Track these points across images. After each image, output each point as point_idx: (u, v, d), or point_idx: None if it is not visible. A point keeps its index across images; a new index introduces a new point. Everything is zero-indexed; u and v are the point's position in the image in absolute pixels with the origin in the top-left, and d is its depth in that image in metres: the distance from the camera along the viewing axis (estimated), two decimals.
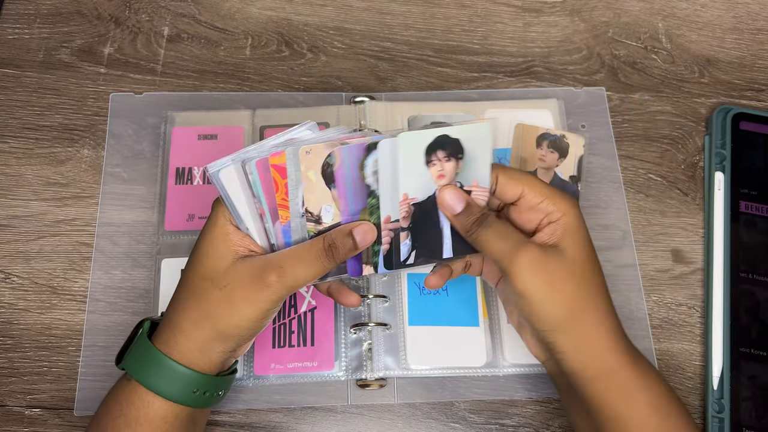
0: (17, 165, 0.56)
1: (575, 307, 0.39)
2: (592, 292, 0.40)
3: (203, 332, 0.39)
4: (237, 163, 0.38)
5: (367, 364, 0.50)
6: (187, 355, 0.39)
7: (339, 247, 0.39)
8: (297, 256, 0.39)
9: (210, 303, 0.39)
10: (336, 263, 0.39)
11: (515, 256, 0.38)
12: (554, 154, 0.56)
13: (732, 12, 0.66)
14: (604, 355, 0.39)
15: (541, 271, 0.38)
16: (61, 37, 0.61)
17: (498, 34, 0.64)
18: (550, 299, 0.39)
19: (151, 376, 0.39)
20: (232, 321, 0.38)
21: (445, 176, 0.40)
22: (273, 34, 0.63)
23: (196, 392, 0.39)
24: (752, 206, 0.56)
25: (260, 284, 0.38)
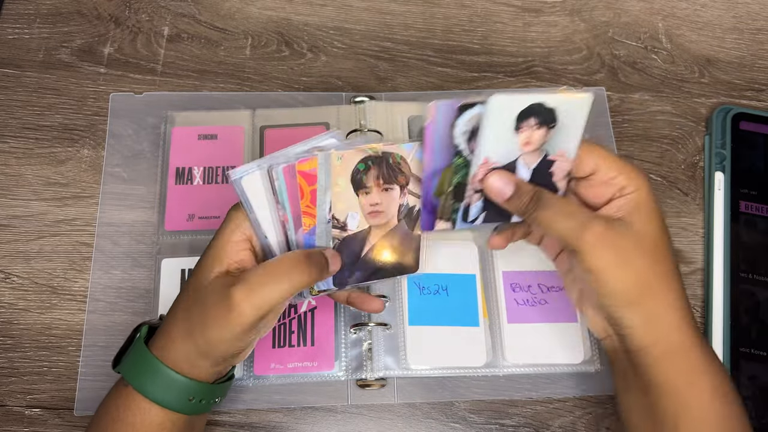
0: (17, 165, 0.56)
1: (647, 282, 0.38)
2: (664, 268, 0.38)
3: (188, 346, 0.38)
4: (263, 169, 0.38)
5: (367, 364, 0.50)
6: (179, 365, 0.38)
7: (315, 264, 0.37)
8: (268, 270, 0.36)
9: (191, 318, 0.38)
10: (309, 282, 0.37)
11: (582, 234, 0.37)
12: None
13: (732, 12, 0.66)
14: (673, 333, 0.38)
15: (610, 247, 0.37)
16: (61, 37, 0.61)
17: (498, 34, 0.64)
18: (621, 275, 0.37)
19: (147, 383, 0.38)
20: (210, 339, 0.37)
21: (532, 144, 0.39)
22: (273, 34, 0.63)
23: (192, 400, 0.39)
24: (752, 206, 0.56)
25: (227, 304, 0.36)
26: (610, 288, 0.38)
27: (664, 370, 0.38)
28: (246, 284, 0.36)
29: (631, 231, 0.38)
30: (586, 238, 0.37)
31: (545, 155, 0.40)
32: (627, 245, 0.38)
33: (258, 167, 0.38)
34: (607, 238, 0.37)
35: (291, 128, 0.57)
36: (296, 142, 0.57)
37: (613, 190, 0.39)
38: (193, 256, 0.52)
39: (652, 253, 0.38)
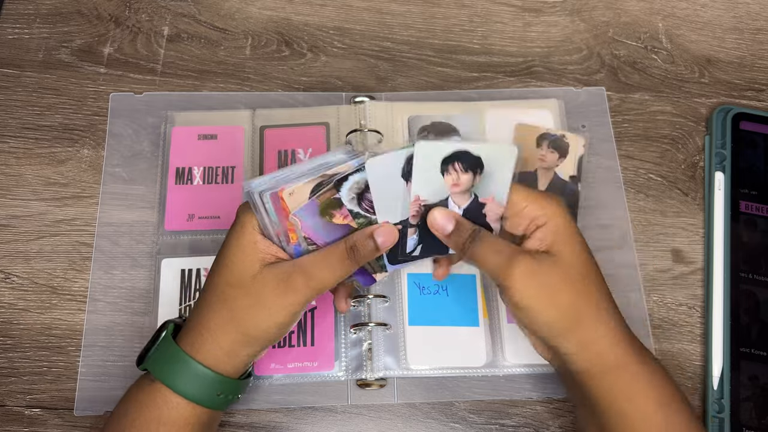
0: (17, 165, 0.56)
1: (575, 312, 0.39)
2: (591, 295, 0.39)
3: (231, 336, 0.39)
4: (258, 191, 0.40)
5: (367, 364, 0.50)
6: (212, 358, 0.39)
7: (360, 249, 0.40)
8: (322, 260, 0.40)
9: (239, 308, 0.39)
10: (358, 264, 0.40)
11: (509, 270, 0.38)
12: (554, 154, 0.56)
13: (732, 12, 0.66)
14: (607, 353, 0.39)
15: (535, 282, 0.38)
16: (61, 37, 0.61)
17: (498, 34, 0.64)
18: (548, 309, 0.38)
19: (177, 378, 0.39)
20: (260, 325, 0.39)
21: (460, 186, 0.41)
22: (273, 34, 0.63)
23: (220, 395, 0.40)
24: (752, 206, 0.56)
25: (288, 289, 0.39)
26: (540, 321, 0.39)
27: (604, 389, 0.39)
28: (304, 271, 0.39)
29: (555, 263, 0.39)
30: (513, 273, 0.38)
31: (475, 198, 0.41)
32: (551, 278, 0.38)
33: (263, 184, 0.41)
34: (532, 273, 0.38)
35: (291, 128, 0.57)
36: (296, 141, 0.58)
37: (527, 221, 0.40)
38: (194, 256, 0.52)
39: (578, 283, 0.39)
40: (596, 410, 0.40)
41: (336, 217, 0.41)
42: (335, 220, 0.41)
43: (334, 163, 0.41)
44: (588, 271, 0.40)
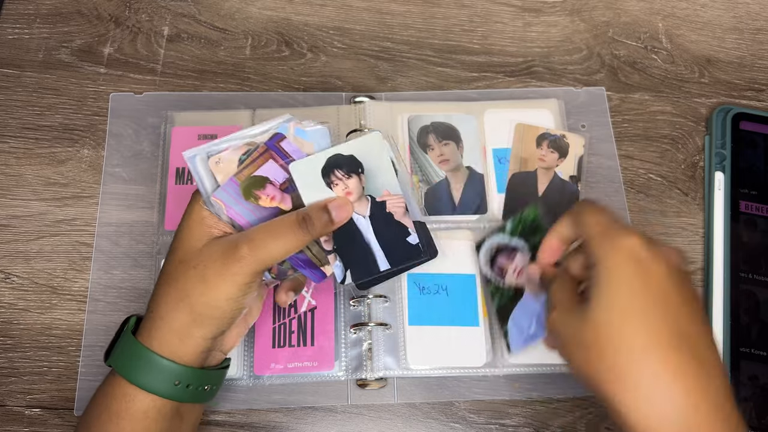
0: (17, 165, 0.56)
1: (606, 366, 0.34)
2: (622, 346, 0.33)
3: (181, 315, 0.38)
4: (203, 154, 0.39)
5: (367, 364, 0.50)
6: (167, 345, 0.38)
7: (314, 220, 0.38)
8: (269, 228, 0.38)
9: (186, 283, 0.38)
10: (311, 237, 0.39)
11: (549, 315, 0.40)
12: (554, 154, 0.56)
13: (732, 12, 0.66)
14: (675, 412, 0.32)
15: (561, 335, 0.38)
16: (61, 37, 0.61)
17: (498, 34, 0.64)
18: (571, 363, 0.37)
19: (131, 369, 0.38)
20: (207, 300, 0.38)
21: (353, 192, 0.40)
22: (273, 34, 0.63)
23: (177, 384, 0.38)
24: (752, 206, 0.56)
25: (231, 258, 0.37)
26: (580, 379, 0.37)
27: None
28: (251, 241, 0.38)
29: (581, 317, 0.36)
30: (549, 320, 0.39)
31: (372, 199, 0.40)
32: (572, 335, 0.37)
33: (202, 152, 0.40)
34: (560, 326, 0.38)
35: None
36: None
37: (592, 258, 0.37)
38: None
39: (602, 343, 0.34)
40: None
41: (262, 199, 0.39)
42: (261, 202, 0.39)
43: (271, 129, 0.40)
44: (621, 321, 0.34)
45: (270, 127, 0.40)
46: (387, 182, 0.40)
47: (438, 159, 0.56)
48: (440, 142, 0.56)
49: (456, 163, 0.56)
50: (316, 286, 0.51)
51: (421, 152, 0.56)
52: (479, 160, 0.56)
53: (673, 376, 0.32)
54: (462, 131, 0.57)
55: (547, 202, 0.55)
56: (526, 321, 0.49)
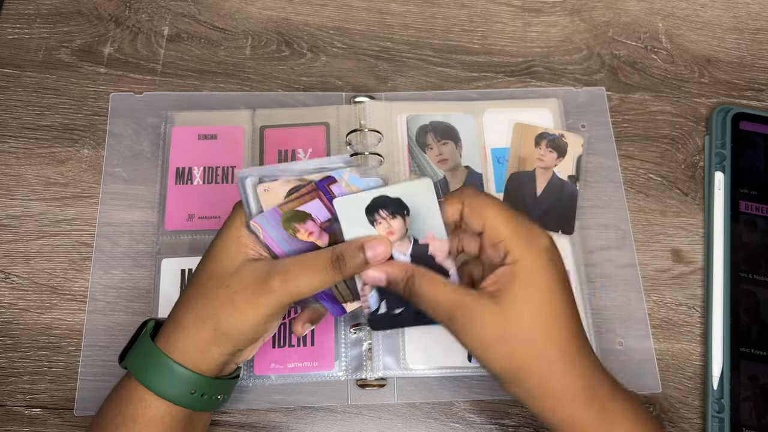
0: (17, 165, 0.56)
1: (516, 365, 0.37)
2: (536, 346, 0.37)
3: (204, 332, 0.39)
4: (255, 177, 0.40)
5: (367, 364, 0.50)
6: (186, 355, 0.39)
7: (347, 260, 0.38)
8: (303, 263, 0.38)
9: (214, 301, 0.39)
10: (343, 276, 0.38)
11: (450, 324, 0.37)
12: (553, 153, 0.56)
13: (732, 12, 0.66)
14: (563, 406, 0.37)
15: (473, 334, 0.37)
16: (61, 37, 0.61)
17: (498, 34, 0.64)
18: (488, 358, 0.37)
19: (149, 375, 0.38)
20: (232, 321, 0.38)
21: (395, 233, 0.39)
22: (273, 34, 0.63)
23: (193, 393, 0.39)
24: (752, 206, 0.56)
25: (263, 287, 0.38)
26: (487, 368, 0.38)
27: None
28: (283, 272, 0.38)
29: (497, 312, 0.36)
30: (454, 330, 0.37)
31: (415, 241, 0.40)
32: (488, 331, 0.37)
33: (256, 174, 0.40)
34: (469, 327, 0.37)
35: (291, 128, 0.57)
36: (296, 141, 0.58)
37: (500, 255, 0.38)
38: (194, 256, 0.52)
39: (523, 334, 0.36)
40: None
41: (300, 233, 0.39)
42: (299, 235, 0.39)
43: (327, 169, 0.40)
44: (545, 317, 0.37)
45: (327, 165, 0.40)
46: (432, 226, 0.40)
47: (437, 158, 0.56)
48: (439, 141, 0.56)
49: (455, 162, 0.56)
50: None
51: (419, 152, 0.56)
52: (478, 159, 0.56)
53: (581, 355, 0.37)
54: (461, 131, 0.57)
55: (545, 201, 0.55)
56: None
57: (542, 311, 0.37)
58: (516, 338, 0.36)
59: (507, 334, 0.36)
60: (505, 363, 0.37)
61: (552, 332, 0.37)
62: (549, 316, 0.37)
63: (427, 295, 0.38)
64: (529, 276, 0.37)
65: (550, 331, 0.37)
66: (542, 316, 0.37)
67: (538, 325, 0.37)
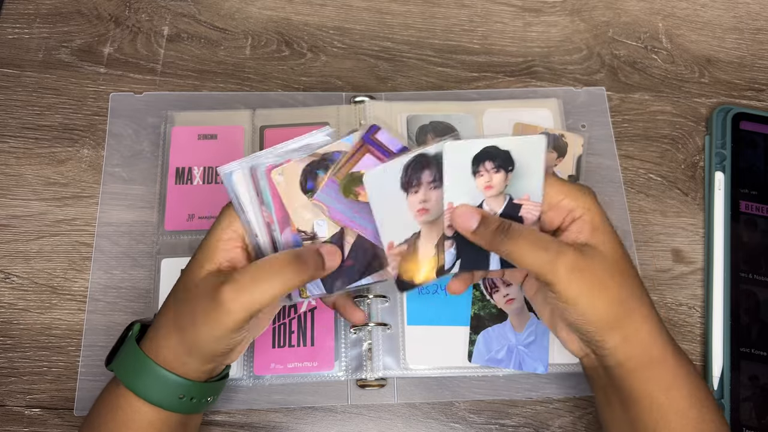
0: (17, 165, 0.56)
1: (622, 305, 0.38)
2: (633, 286, 0.39)
3: (175, 343, 0.38)
4: (246, 167, 0.38)
5: (367, 364, 0.50)
6: (170, 362, 0.38)
7: (308, 264, 0.37)
8: (258, 270, 0.36)
9: (181, 314, 0.38)
10: (302, 281, 0.37)
11: (554, 266, 0.36)
12: (553, 153, 0.56)
13: (732, 12, 0.66)
14: (649, 346, 0.38)
15: (584, 277, 0.37)
16: (61, 37, 0.61)
17: (498, 34, 0.64)
18: (597, 303, 0.37)
19: (137, 381, 0.38)
20: (195, 337, 0.37)
21: (493, 187, 0.38)
22: (273, 33, 0.63)
23: (182, 398, 0.38)
24: (752, 206, 0.56)
25: (215, 301, 0.36)
26: (588, 317, 0.38)
27: (643, 383, 0.38)
28: (235, 283, 0.36)
29: (599, 255, 0.38)
30: (559, 270, 0.36)
31: (510, 199, 0.39)
32: (598, 271, 0.37)
33: (243, 165, 0.38)
34: (580, 269, 0.37)
35: (291, 128, 0.57)
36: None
37: (563, 214, 0.39)
38: None
39: (621, 274, 0.38)
40: (630, 404, 0.39)
41: (362, 195, 0.38)
42: (362, 198, 0.38)
43: (318, 145, 0.39)
44: (627, 264, 0.39)
45: (311, 141, 0.39)
46: (531, 187, 0.39)
47: None
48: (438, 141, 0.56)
49: None
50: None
51: None
52: None
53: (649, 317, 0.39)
54: (461, 131, 0.57)
55: None
56: (497, 345, 0.50)
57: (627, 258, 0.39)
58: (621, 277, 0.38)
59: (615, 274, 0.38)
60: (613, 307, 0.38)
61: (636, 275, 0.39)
62: (631, 263, 0.39)
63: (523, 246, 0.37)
64: (604, 224, 0.39)
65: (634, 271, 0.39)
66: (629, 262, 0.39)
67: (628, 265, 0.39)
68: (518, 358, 0.49)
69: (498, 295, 0.51)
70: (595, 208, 0.39)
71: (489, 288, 0.51)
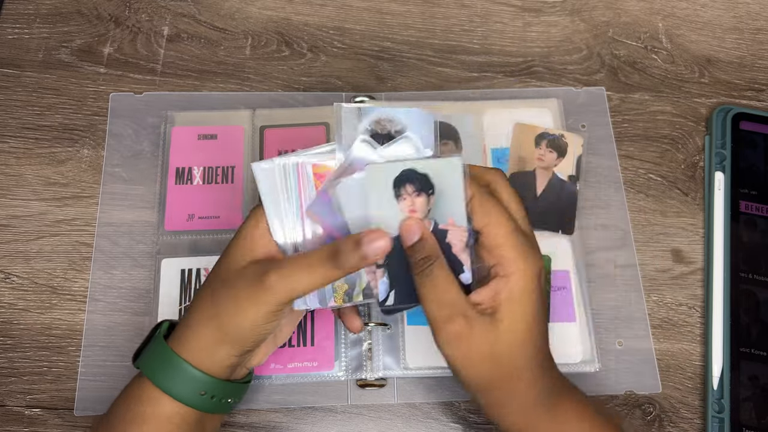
0: (17, 165, 0.56)
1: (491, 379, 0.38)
2: (515, 364, 0.38)
3: (209, 331, 0.39)
4: (278, 164, 0.38)
5: (367, 364, 0.50)
6: (195, 355, 0.39)
7: (344, 255, 0.37)
8: (301, 260, 0.38)
9: (218, 301, 0.39)
10: (342, 272, 0.37)
11: (442, 326, 0.37)
12: (553, 153, 0.56)
13: (732, 12, 0.66)
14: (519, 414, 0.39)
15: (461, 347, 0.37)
16: (61, 37, 0.61)
17: (498, 34, 0.64)
18: (466, 372, 0.38)
19: (159, 374, 0.39)
20: (234, 320, 0.38)
21: (417, 212, 0.38)
22: (273, 34, 0.63)
23: (203, 395, 0.39)
24: (752, 206, 0.56)
25: (261, 284, 0.37)
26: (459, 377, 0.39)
27: None
28: (280, 269, 0.37)
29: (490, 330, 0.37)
30: (443, 333, 0.37)
31: (436, 224, 0.38)
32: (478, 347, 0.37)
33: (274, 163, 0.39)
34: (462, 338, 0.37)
35: (291, 128, 0.57)
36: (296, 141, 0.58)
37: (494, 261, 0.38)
38: (193, 256, 0.52)
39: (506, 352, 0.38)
40: None
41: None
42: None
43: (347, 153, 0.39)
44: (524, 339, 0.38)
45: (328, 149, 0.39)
46: (454, 211, 0.38)
47: None
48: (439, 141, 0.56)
49: None
50: None
51: None
52: (478, 159, 0.56)
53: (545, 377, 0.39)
54: (461, 131, 0.57)
55: (545, 201, 0.55)
56: None
57: (529, 334, 0.38)
58: (501, 356, 0.37)
59: (494, 352, 0.37)
60: (482, 378, 0.38)
61: (531, 353, 0.38)
62: (533, 338, 0.38)
63: (437, 289, 0.37)
64: (523, 295, 0.37)
65: (529, 353, 0.38)
66: (529, 338, 0.38)
67: (523, 347, 0.38)
68: None
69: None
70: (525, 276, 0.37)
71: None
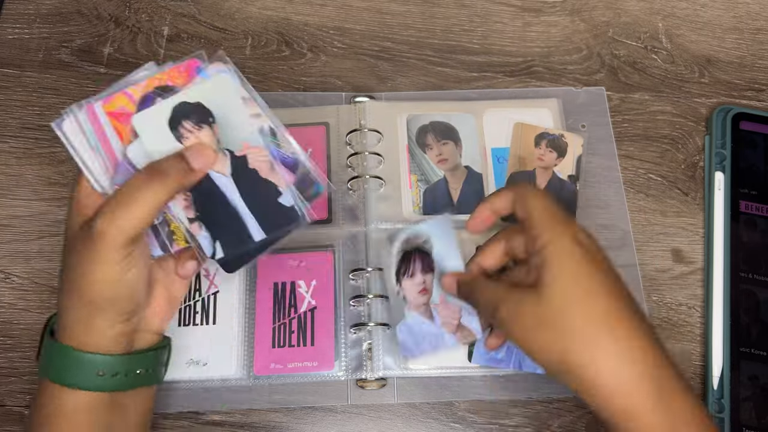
0: (17, 165, 0.56)
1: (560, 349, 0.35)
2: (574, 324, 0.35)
3: (75, 304, 0.36)
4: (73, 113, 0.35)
5: (367, 364, 0.50)
6: (76, 336, 0.36)
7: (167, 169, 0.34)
8: (120, 194, 0.35)
9: (69, 271, 0.36)
10: (170, 189, 0.35)
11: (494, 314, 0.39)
12: (553, 153, 0.56)
13: (732, 12, 0.66)
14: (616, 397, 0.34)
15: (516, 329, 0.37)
16: (61, 37, 0.61)
17: (498, 34, 0.64)
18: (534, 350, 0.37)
19: (50, 367, 0.37)
20: (87, 283, 0.35)
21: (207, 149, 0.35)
22: (273, 33, 0.63)
23: (102, 375, 0.36)
24: (752, 206, 0.56)
25: (92, 235, 0.34)
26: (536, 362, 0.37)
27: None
28: (103, 214, 0.35)
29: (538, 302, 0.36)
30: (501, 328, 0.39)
31: (231, 154, 0.35)
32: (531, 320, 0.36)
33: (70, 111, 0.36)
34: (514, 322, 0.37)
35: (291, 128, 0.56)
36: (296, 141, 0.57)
37: (530, 240, 0.39)
38: None
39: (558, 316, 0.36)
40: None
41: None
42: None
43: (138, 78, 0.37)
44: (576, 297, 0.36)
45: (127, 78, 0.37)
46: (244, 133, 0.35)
47: (436, 158, 0.56)
48: (439, 141, 0.56)
49: (454, 162, 0.56)
50: (316, 287, 0.51)
51: (419, 152, 0.56)
52: (478, 159, 0.56)
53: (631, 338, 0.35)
54: (461, 131, 0.57)
55: None
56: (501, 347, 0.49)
57: (574, 292, 0.36)
58: (554, 320, 0.35)
59: (546, 318, 0.36)
60: (549, 351, 0.36)
61: (589, 312, 0.35)
62: (583, 296, 0.36)
63: (479, 300, 0.41)
64: (556, 258, 0.37)
65: (586, 311, 0.35)
66: (575, 296, 0.36)
67: (572, 305, 0.35)
68: (518, 358, 0.49)
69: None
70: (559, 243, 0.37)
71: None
